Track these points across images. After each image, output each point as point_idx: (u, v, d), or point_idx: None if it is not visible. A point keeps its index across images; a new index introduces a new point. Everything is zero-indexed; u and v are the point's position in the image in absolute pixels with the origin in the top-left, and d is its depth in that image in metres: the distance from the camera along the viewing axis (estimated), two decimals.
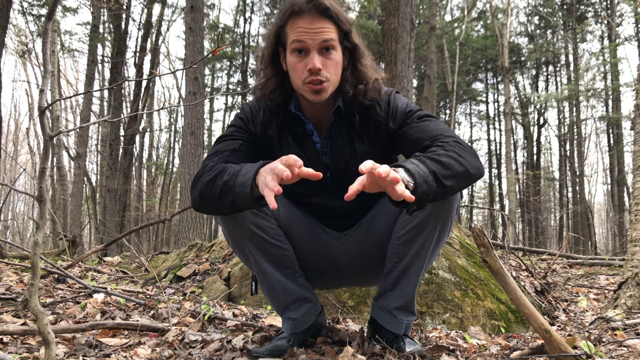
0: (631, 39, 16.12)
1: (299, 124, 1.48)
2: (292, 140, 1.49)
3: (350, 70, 1.45)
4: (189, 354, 1.52)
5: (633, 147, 2.49)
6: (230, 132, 1.50)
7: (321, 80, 1.37)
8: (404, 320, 1.50)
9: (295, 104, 1.48)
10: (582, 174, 16.16)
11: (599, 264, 5.03)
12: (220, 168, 1.32)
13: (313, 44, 1.36)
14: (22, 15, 10.41)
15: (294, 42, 1.37)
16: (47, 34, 1.20)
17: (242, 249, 1.49)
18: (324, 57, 1.37)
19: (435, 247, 1.45)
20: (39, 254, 1.11)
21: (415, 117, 1.45)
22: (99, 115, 15.24)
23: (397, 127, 1.45)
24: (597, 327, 1.99)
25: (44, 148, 1.18)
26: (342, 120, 1.47)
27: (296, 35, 1.36)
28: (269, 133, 1.50)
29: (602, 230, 27.79)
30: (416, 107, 1.50)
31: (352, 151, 1.48)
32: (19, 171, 17.73)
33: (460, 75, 17.54)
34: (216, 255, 3.36)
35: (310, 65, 1.35)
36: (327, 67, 1.38)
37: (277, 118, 1.49)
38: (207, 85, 18.56)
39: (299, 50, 1.37)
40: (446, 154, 1.26)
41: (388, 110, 1.47)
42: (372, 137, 1.48)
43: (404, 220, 1.43)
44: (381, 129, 1.47)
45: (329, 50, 1.38)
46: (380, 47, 9.55)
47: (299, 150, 1.49)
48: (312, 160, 1.49)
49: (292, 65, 1.40)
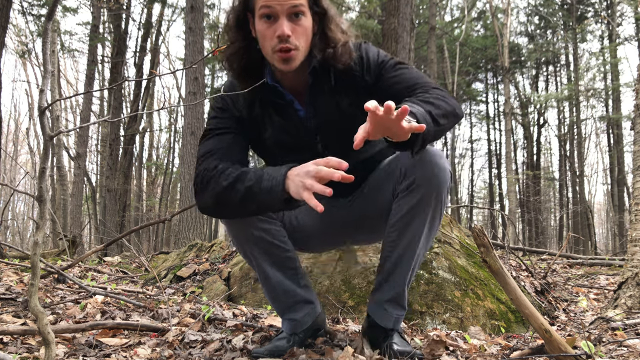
0: (631, 39, 16.13)
1: (278, 96, 1.46)
2: (275, 113, 1.47)
3: (319, 35, 1.42)
4: (189, 354, 1.52)
5: (633, 147, 2.49)
6: (214, 125, 1.47)
7: (289, 47, 1.34)
8: (394, 314, 1.50)
9: (270, 76, 1.45)
10: (582, 174, 16.16)
11: (599, 264, 5.02)
12: (237, 173, 1.33)
13: (282, 10, 1.33)
14: (22, 15, 10.41)
15: (262, 8, 1.34)
16: (47, 34, 1.20)
17: (245, 251, 1.50)
18: (293, 24, 1.34)
19: (427, 237, 1.45)
20: (39, 254, 1.11)
21: (389, 66, 1.44)
22: (99, 115, 15.23)
23: (373, 81, 1.44)
24: (597, 327, 1.99)
25: (44, 148, 1.18)
26: (320, 82, 1.44)
27: (264, 0, 1.33)
28: (253, 112, 1.48)
29: (602, 230, 27.78)
30: (387, 55, 1.48)
31: (336, 108, 1.46)
32: (19, 171, 17.75)
33: (460, 75, 17.53)
34: (216, 255, 3.36)
35: (279, 31, 1.32)
36: (296, 34, 1.35)
37: (257, 96, 1.46)
38: (207, 85, 18.54)
39: (268, 16, 1.34)
40: (432, 96, 1.31)
41: (362, 65, 1.44)
42: (354, 92, 1.45)
43: (397, 207, 1.43)
44: (359, 84, 1.45)
45: (298, 16, 1.35)
46: (380, 47, 9.54)
47: (283, 121, 1.47)
48: (299, 128, 1.47)
49: (261, 32, 1.37)
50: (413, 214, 1.40)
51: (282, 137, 1.49)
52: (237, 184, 1.31)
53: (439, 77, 15.73)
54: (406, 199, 1.40)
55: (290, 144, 1.49)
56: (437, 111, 1.25)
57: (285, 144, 1.49)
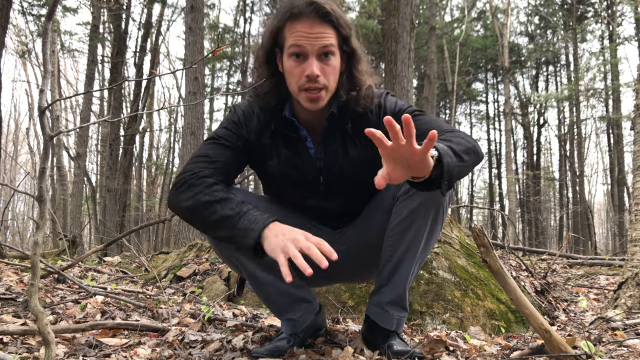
0: (631, 39, 16.13)
1: (293, 130, 1.47)
2: (285, 146, 1.48)
3: (346, 75, 1.43)
4: (189, 354, 1.52)
5: (633, 147, 2.49)
6: (223, 134, 1.46)
7: (319, 87, 1.35)
8: (395, 315, 1.49)
9: (289, 109, 1.46)
10: (582, 174, 16.16)
11: (599, 264, 5.02)
12: (223, 195, 1.30)
13: (312, 50, 1.33)
14: (22, 15, 10.41)
15: (292, 46, 1.34)
16: (47, 34, 1.20)
17: (230, 258, 1.47)
18: (322, 63, 1.35)
19: (428, 241, 1.44)
20: (39, 254, 1.11)
21: (406, 114, 1.44)
22: (99, 115, 15.23)
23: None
24: (597, 327, 1.99)
25: (44, 148, 1.18)
26: (335, 125, 1.46)
27: (295, 39, 1.33)
28: (263, 140, 1.48)
29: (602, 230, 27.78)
30: (405, 104, 1.49)
31: (345, 156, 1.47)
32: (19, 171, 17.75)
33: (460, 75, 17.54)
34: (216, 256, 3.36)
35: (309, 71, 1.33)
36: (325, 74, 1.35)
37: (270, 124, 1.47)
38: (207, 85, 18.56)
39: (297, 55, 1.34)
40: (452, 136, 1.28)
41: (379, 114, 1.46)
42: (367, 142, 1.45)
43: (397, 210, 1.42)
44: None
45: (327, 56, 1.35)
46: (380, 47, 9.55)
47: (291, 155, 1.48)
48: (306, 165, 1.48)
49: (289, 70, 1.37)
50: (413, 217, 1.39)
51: (287, 170, 1.49)
52: (216, 206, 1.28)
53: (439, 77, 15.73)
54: (406, 202, 1.40)
55: (294, 177, 1.50)
56: (458, 147, 1.22)
57: (288, 175, 1.49)
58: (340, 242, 1.59)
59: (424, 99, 10.83)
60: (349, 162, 1.47)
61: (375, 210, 1.52)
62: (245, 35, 17.66)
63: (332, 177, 1.49)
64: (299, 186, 1.51)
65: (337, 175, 1.48)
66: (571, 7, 15.99)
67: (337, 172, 1.48)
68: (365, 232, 1.55)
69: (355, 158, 1.47)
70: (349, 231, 1.59)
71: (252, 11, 18.03)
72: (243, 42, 17.58)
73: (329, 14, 1.33)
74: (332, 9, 1.34)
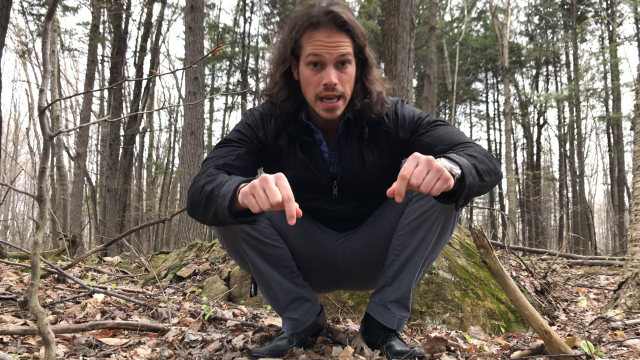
0: (631, 39, 16.13)
1: (308, 134, 1.48)
2: (300, 149, 1.49)
3: (360, 83, 1.45)
4: (189, 353, 1.52)
5: (633, 147, 2.49)
6: (236, 137, 1.46)
7: (336, 95, 1.36)
8: (397, 315, 1.49)
9: (305, 113, 1.47)
10: (582, 174, 16.16)
11: (599, 264, 5.03)
12: (215, 175, 1.28)
13: (330, 58, 1.34)
14: (22, 15, 10.42)
15: (310, 55, 1.35)
16: (47, 34, 1.20)
17: (237, 251, 1.48)
18: (339, 72, 1.36)
19: (437, 243, 1.44)
20: (39, 253, 1.11)
21: (425, 123, 1.45)
22: (99, 115, 15.24)
23: (407, 137, 1.46)
24: (597, 327, 1.99)
25: (44, 148, 1.18)
26: (351, 131, 1.47)
27: (313, 48, 1.34)
28: (279, 142, 1.48)
29: (602, 230, 27.79)
30: (424, 113, 1.50)
31: (360, 162, 1.48)
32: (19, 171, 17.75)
33: (460, 75, 17.54)
34: (216, 255, 3.36)
35: (327, 80, 1.34)
36: (342, 82, 1.37)
37: (287, 127, 1.48)
38: (207, 85, 18.55)
39: (315, 64, 1.36)
40: (476, 152, 1.28)
41: (396, 121, 1.47)
42: (382, 148, 1.49)
43: (409, 210, 1.43)
44: (391, 140, 1.47)
45: (344, 64, 1.37)
46: (380, 47, 9.55)
47: (306, 159, 1.48)
48: (320, 169, 1.49)
49: (306, 78, 1.38)
50: (424, 218, 1.40)
51: (301, 173, 1.49)
52: (206, 185, 1.26)
53: (439, 77, 15.74)
54: (420, 202, 1.41)
55: (307, 181, 1.50)
56: (482, 166, 1.22)
57: (302, 179, 1.50)
58: (345, 245, 1.60)
59: (424, 99, 10.82)
60: (364, 168, 1.48)
61: (386, 214, 1.53)
62: (245, 35, 17.66)
63: (346, 182, 1.50)
64: (311, 189, 1.51)
65: (351, 180, 1.49)
66: (571, 7, 15.99)
67: (351, 177, 1.49)
68: (374, 236, 1.55)
69: (370, 164, 1.48)
70: (357, 233, 1.59)
71: (252, 11, 18.05)
72: (243, 42, 17.59)
73: (346, 23, 1.35)
74: (349, 18, 1.35)
